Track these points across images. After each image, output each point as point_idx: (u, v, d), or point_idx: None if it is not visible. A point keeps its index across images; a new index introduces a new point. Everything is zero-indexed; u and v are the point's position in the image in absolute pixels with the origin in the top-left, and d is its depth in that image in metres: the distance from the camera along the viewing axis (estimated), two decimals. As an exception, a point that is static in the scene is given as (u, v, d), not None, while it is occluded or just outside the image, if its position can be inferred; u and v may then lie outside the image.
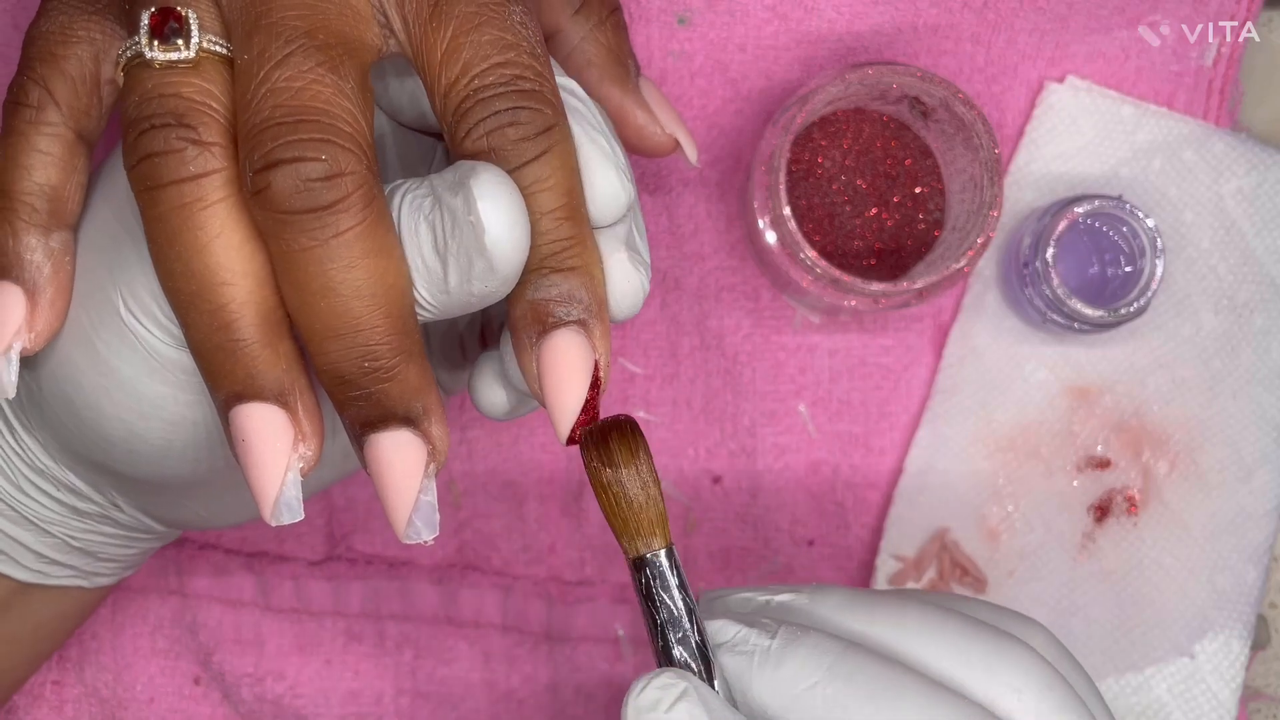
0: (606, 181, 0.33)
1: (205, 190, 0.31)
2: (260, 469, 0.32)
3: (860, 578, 0.52)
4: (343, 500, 0.51)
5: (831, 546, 0.52)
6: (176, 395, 0.34)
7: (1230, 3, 0.50)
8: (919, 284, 0.46)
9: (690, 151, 0.43)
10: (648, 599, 0.33)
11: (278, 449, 0.32)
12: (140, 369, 0.34)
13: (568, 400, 0.32)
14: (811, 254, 0.46)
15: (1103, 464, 0.51)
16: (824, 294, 0.47)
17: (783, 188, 0.46)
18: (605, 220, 0.33)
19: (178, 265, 0.31)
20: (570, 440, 0.32)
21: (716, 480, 0.52)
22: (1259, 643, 0.52)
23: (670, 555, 0.33)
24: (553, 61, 0.34)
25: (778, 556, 0.52)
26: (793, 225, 0.46)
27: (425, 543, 0.32)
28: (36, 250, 0.34)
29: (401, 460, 0.32)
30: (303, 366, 0.32)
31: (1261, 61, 0.53)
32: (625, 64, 0.42)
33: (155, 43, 0.31)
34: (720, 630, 0.33)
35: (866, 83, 0.46)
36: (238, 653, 0.51)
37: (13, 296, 0.34)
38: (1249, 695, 0.52)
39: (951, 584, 0.51)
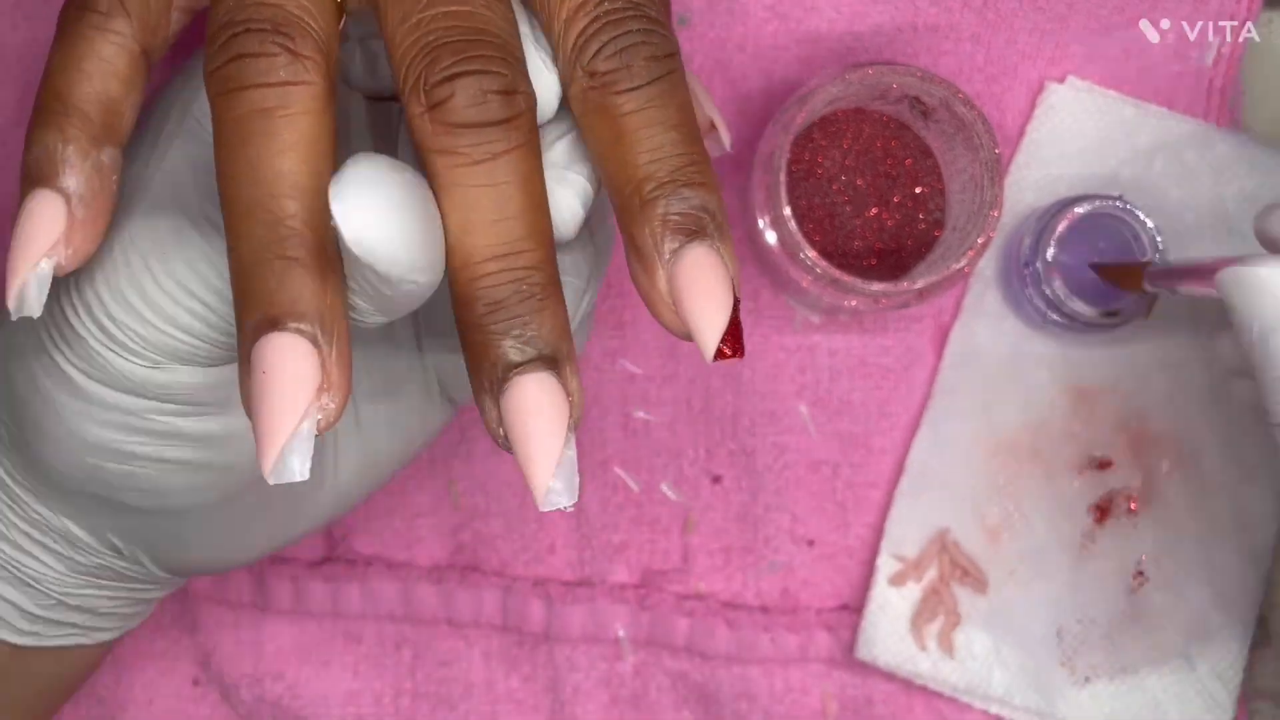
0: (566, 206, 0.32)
1: (291, 98, 0.29)
2: (274, 408, 0.28)
3: (860, 578, 0.52)
4: (342, 500, 0.51)
5: (831, 546, 0.52)
6: (159, 407, 0.34)
7: (1230, 3, 0.50)
8: (919, 284, 0.46)
9: (725, 136, 0.42)
10: None
11: (300, 388, 0.28)
12: (109, 389, 0.33)
13: (715, 314, 0.30)
14: (811, 254, 0.46)
15: (1103, 464, 0.51)
16: (824, 294, 0.47)
17: (783, 188, 0.46)
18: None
19: (244, 169, 0.29)
20: (718, 356, 0.30)
21: (716, 480, 0.52)
22: (1259, 643, 0.52)
23: None
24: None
25: (777, 556, 0.52)
26: (793, 225, 0.46)
27: (565, 508, 0.30)
28: (85, 161, 0.32)
29: (549, 404, 0.29)
30: (345, 312, 0.30)
31: (1261, 61, 0.53)
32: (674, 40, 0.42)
33: None
34: None
35: (866, 83, 0.46)
36: (237, 654, 0.51)
37: (54, 206, 0.31)
38: (1249, 695, 0.52)
39: (952, 584, 0.51)
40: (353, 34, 0.35)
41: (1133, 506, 0.51)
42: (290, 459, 0.28)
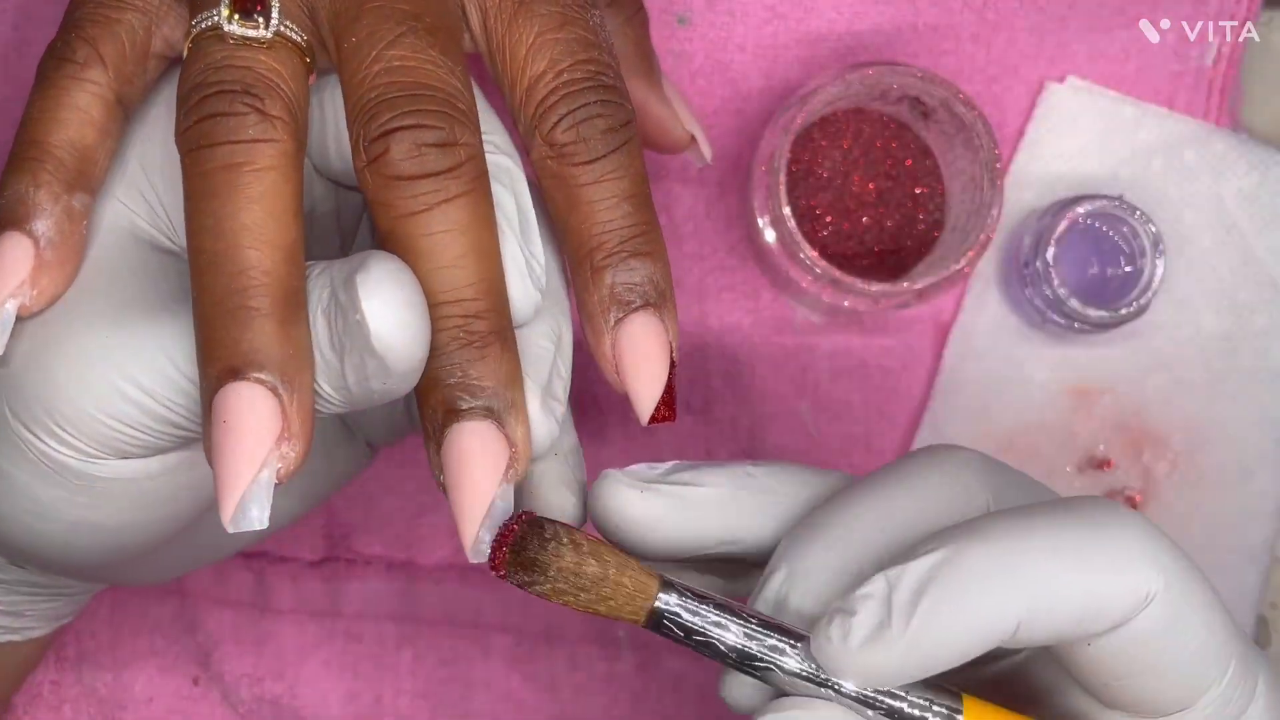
0: (517, 291, 0.32)
1: (257, 155, 0.30)
2: (234, 457, 0.29)
3: (860, 578, 0.52)
4: (342, 500, 0.51)
5: (831, 547, 0.52)
6: (73, 499, 0.33)
7: (1230, 2, 0.50)
8: (919, 284, 0.46)
9: (705, 149, 0.44)
10: (696, 641, 0.31)
11: (259, 437, 0.29)
12: (33, 474, 0.33)
13: (649, 382, 0.32)
14: (811, 254, 0.46)
15: (1103, 464, 0.51)
16: (824, 294, 0.47)
17: (783, 188, 0.46)
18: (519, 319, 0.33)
19: (209, 221, 0.30)
20: (652, 420, 0.32)
21: (716, 480, 0.52)
22: (1259, 643, 0.52)
23: (669, 587, 0.31)
24: (481, 108, 0.33)
25: (777, 557, 0.52)
26: (792, 225, 0.46)
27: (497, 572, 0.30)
28: (56, 205, 0.32)
29: (483, 454, 0.30)
30: (309, 362, 0.30)
31: (1263, 61, 0.53)
32: (651, 60, 0.43)
33: (236, 17, 0.31)
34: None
35: (866, 83, 0.46)
36: (237, 653, 0.51)
37: (21, 248, 0.32)
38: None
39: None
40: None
41: (1133, 506, 0.51)
42: (249, 508, 0.29)
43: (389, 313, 0.29)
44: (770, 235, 0.47)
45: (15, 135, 0.33)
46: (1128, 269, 0.50)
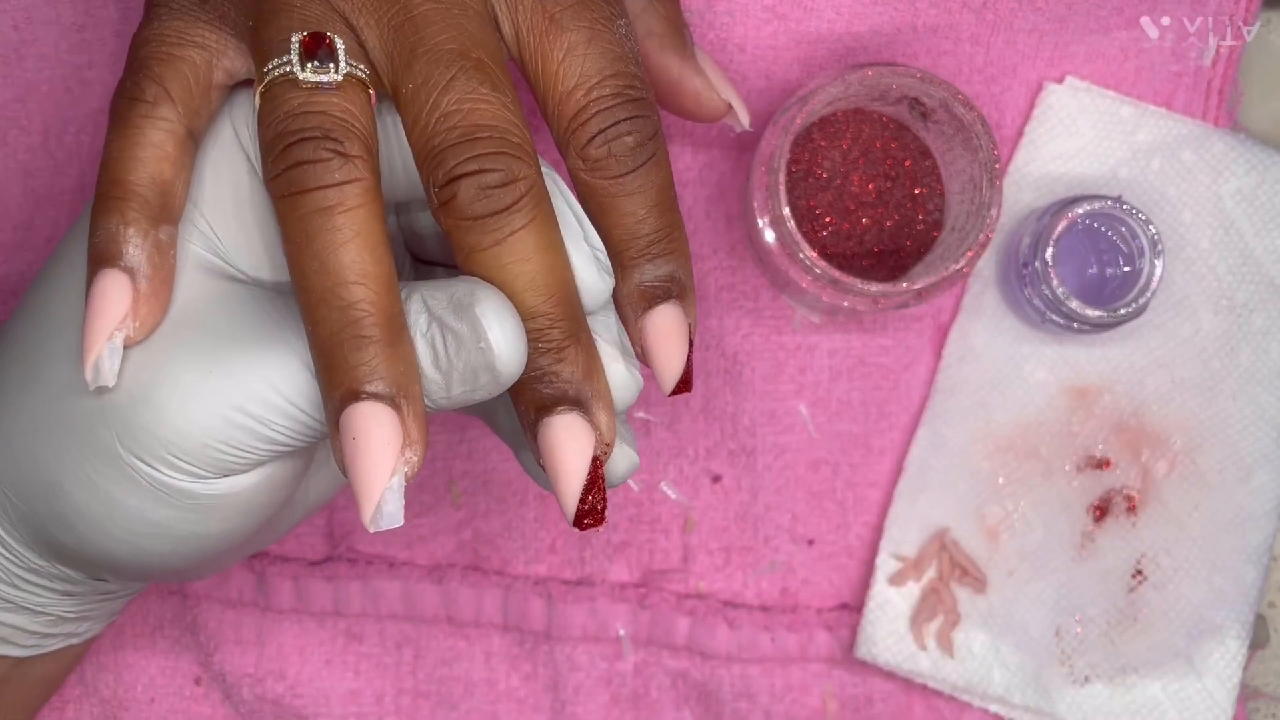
0: (591, 278, 0.36)
1: (346, 196, 0.33)
2: (367, 469, 0.32)
3: (860, 577, 0.52)
4: (343, 500, 0.51)
5: (831, 546, 0.52)
6: (184, 516, 0.35)
7: (1229, 3, 0.50)
8: (918, 284, 0.46)
9: (743, 115, 0.46)
10: None
11: (387, 450, 0.32)
12: (146, 499, 0.35)
13: (671, 361, 0.37)
14: (811, 254, 0.46)
15: (1102, 464, 0.51)
16: (823, 294, 0.47)
17: (782, 188, 0.46)
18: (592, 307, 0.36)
19: (313, 264, 0.33)
20: (673, 392, 0.37)
21: (716, 480, 0.52)
22: (1258, 642, 0.52)
23: None
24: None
25: (777, 556, 0.52)
26: (792, 225, 0.46)
27: (598, 528, 0.34)
28: (146, 240, 0.35)
29: (573, 440, 0.34)
30: (417, 374, 0.33)
31: (1261, 61, 0.53)
32: (683, 33, 0.44)
33: (309, 65, 0.33)
34: None
35: (866, 83, 0.46)
36: (238, 653, 0.51)
37: (120, 285, 0.34)
38: (1248, 695, 0.52)
39: (951, 584, 0.51)
40: None
41: (1131, 506, 0.51)
42: (385, 508, 0.33)
43: (509, 337, 0.33)
44: (770, 235, 0.47)
45: (99, 174, 0.36)
46: (1126, 269, 0.50)
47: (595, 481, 0.34)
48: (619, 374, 0.36)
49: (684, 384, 0.37)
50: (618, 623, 0.51)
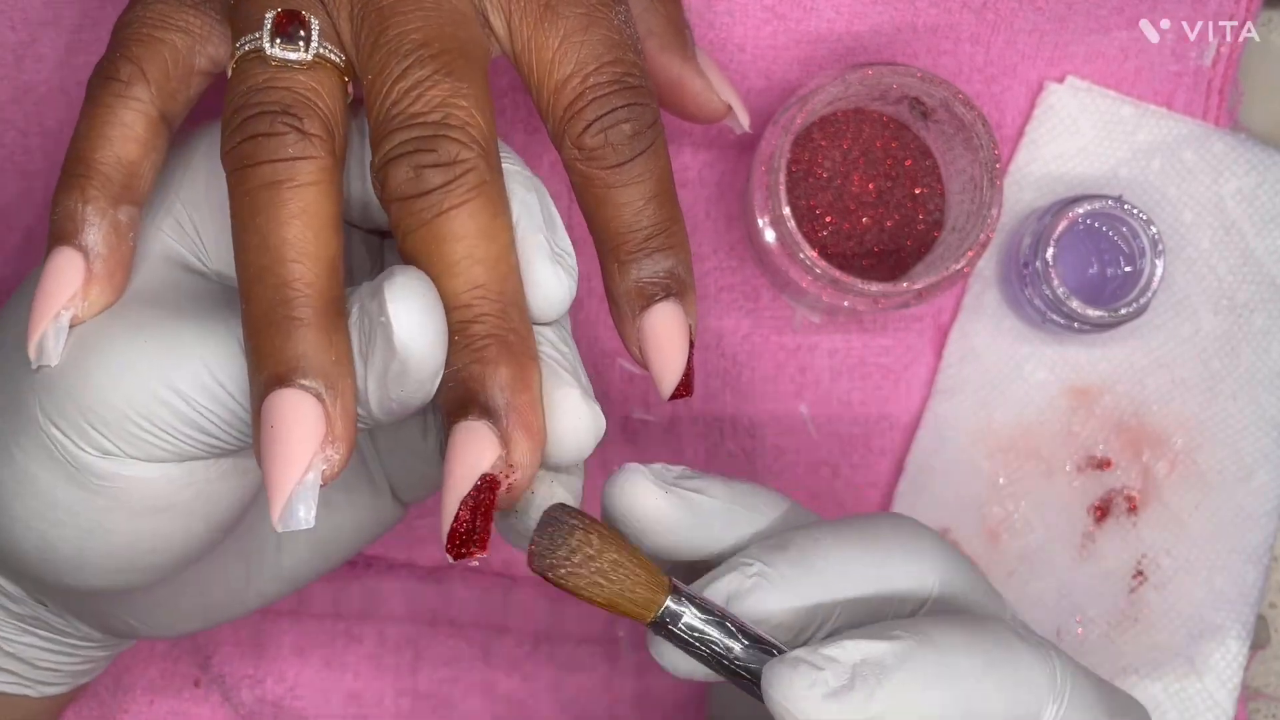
0: (548, 277, 0.34)
1: (297, 172, 0.32)
2: (281, 460, 0.31)
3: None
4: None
5: (831, 547, 0.52)
6: (91, 500, 0.34)
7: (1230, 3, 0.50)
8: (919, 284, 0.46)
9: (742, 117, 0.45)
10: (695, 644, 0.32)
11: (305, 440, 0.31)
12: (58, 474, 0.33)
13: (670, 362, 0.35)
14: (811, 254, 0.46)
15: (1103, 464, 0.51)
16: (823, 294, 0.47)
17: (782, 188, 0.46)
18: (546, 318, 0.34)
19: (254, 238, 0.32)
20: (673, 396, 0.35)
21: (716, 481, 0.52)
22: (1258, 642, 0.52)
23: (676, 594, 0.32)
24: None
25: (778, 557, 0.52)
26: (792, 225, 0.46)
27: (472, 561, 0.31)
28: (104, 220, 0.34)
29: (468, 445, 0.31)
30: (350, 368, 0.32)
31: (1262, 61, 0.53)
32: (684, 34, 0.44)
33: (278, 40, 0.33)
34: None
35: (866, 83, 0.46)
36: (238, 654, 0.51)
37: (71, 262, 0.34)
38: (1249, 695, 0.52)
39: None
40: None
41: (1132, 506, 0.51)
42: (296, 507, 0.31)
43: (413, 315, 0.31)
44: (770, 235, 0.47)
45: (65, 153, 0.35)
46: (1127, 269, 0.50)
47: (480, 504, 0.31)
48: (571, 404, 0.33)
49: (684, 388, 0.35)
50: (618, 623, 0.51)
